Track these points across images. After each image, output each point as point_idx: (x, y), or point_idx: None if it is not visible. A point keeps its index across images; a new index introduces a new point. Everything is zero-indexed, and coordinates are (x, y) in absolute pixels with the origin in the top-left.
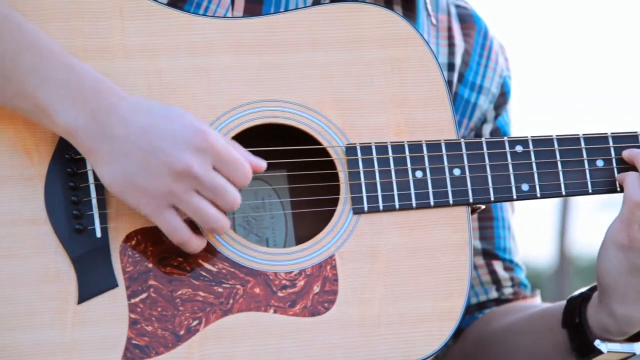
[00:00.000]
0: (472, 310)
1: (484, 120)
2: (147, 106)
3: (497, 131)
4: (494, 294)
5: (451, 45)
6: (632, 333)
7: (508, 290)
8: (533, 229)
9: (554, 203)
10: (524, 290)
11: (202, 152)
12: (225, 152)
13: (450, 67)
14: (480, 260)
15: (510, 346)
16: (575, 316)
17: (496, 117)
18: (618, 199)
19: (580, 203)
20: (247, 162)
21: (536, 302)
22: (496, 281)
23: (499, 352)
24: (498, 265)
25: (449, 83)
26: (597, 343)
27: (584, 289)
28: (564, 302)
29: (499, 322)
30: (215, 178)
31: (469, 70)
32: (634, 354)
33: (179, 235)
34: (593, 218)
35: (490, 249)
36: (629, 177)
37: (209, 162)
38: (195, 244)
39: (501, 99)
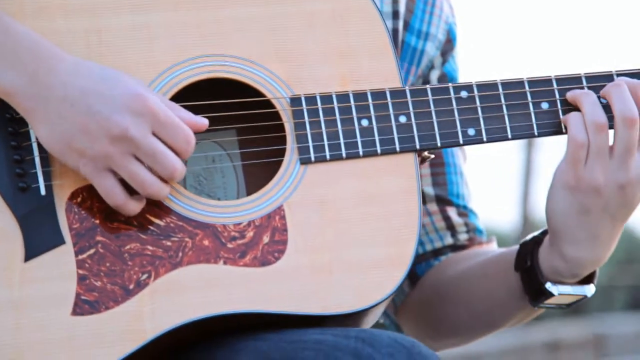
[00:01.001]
0: (428, 257)
1: (431, 67)
2: (87, 68)
3: (445, 77)
4: (449, 240)
5: None
6: (583, 275)
7: (463, 237)
8: (496, 194)
9: (516, 167)
10: (479, 236)
11: (140, 116)
12: (165, 117)
13: (395, 15)
14: (434, 207)
15: (466, 292)
16: (527, 260)
17: (443, 63)
18: None
19: (543, 167)
20: (186, 121)
21: (492, 248)
22: (450, 227)
23: (455, 298)
24: (452, 211)
25: (394, 31)
26: (549, 285)
27: (536, 233)
28: (517, 247)
29: (455, 269)
30: (153, 143)
31: (414, 17)
32: (585, 297)
33: (114, 198)
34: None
35: (443, 194)
36: (572, 118)
37: (148, 127)
38: (130, 207)
39: (447, 45)
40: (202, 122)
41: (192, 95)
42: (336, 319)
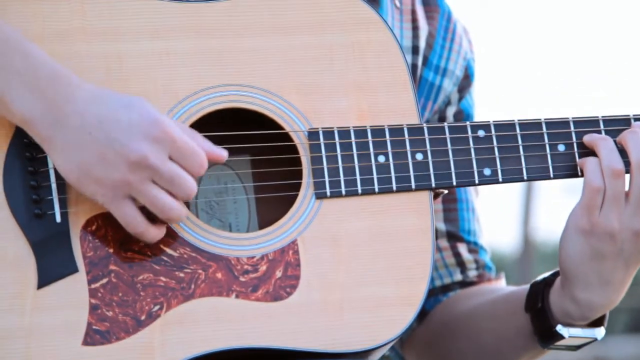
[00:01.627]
0: (436, 293)
1: (447, 103)
2: (104, 95)
3: (461, 113)
4: (458, 277)
5: (415, 28)
6: (593, 318)
7: (472, 273)
8: (497, 215)
9: (517, 189)
10: (488, 273)
11: (157, 142)
12: (181, 142)
13: (415, 50)
14: (444, 243)
15: (474, 330)
16: (537, 301)
17: (460, 99)
18: (582, 184)
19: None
20: (206, 151)
21: (500, 285)
22: (460, 263)
23: (463, 335)
24: (462, 248)
25: (414, 66)
26: (559, 328)
27: (547, 274)
28: (526, 287)
29: (463, 306)
30: (171, 168)
31: (433, 53)
32: (595, 339)
33: (135, 226)
34: (557, 203)
35: (454, 231)
36: (589, 163)
37: (165, 152)
38: (152, 234)
39: (465, 82)
40: (222, 153)
41: (210, 124)
42: (345, 356)
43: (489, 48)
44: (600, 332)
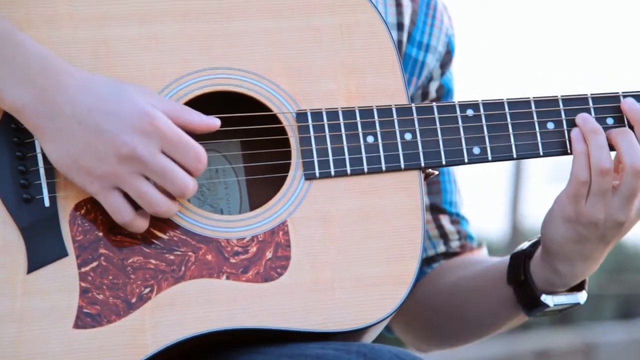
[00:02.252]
0: (421, 266)
1: (430, 78)
2: (95, 84)
3: (442, 88)
4: (441, 248)
5: (399, 5)
6: (574, 284)
7: (455, 244)
8: (485, 202)
9: (506, 176)
10: (470, 243)
11: (147, 135)
12: (173, 135)
13: (400, 26)
14: (427, 215)
15: (458, 303)
16: (520, 273)
17: (442, 74)
18: (568, 172)
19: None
20: (201, 122)
21: (482, 254)
22: (443, 235)
23: (447, 309)
24: (445, 219)
25: (399, 43)
26: (544, 297)
27: (525, 245)
28: (506, 259)
29: (446, 279)
30: (161, 161)
31: (415, 29)
32: (578, 303)
33: (122, 216)
34: (545, 191)
35: (437, 203)
36: (577, 154)
37: (156, 146)
38: (138, 224)
39: (447, 57)
40: (214, 122)
41: (198, 108)
42: (338, 335)
43: (473, 25)
44: (582, 296)
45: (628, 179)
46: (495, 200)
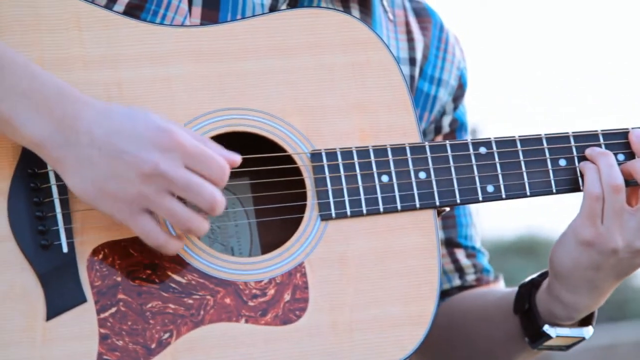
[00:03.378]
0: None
1: (443, 113)
2: (112, 110)
3: (455, 122)
4: (457, 282)
5: (410, 40)
6: (578, 318)
7: (471, 277)
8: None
9: None
10: (486, 276)
11: (168, 151)
12: (193, 148)
13: (412, 61)
14: (443, 250)
15: (470, 334)
16: (525, 302)
17: (455, 108)
18: None
19: None
20: (221, 156)
21: (499, 287)
22: (459, 269)
23: (459, 339)
24: (460, 254)
25: (411, 78)
26: (546, 328)
27: (534, 275)
28: (516, 289)
29: (458, 310)
30: (186, 176)
31: (427, 63)
32: (583, 339)
33: (155, 238)
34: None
35: (452, 237)
36: (588, 173)
37: (178, 161)
38: (173, 246)
39: (459, 91)
40: (235, 158)
41: None
42: None
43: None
44: (588, 331)
45: None
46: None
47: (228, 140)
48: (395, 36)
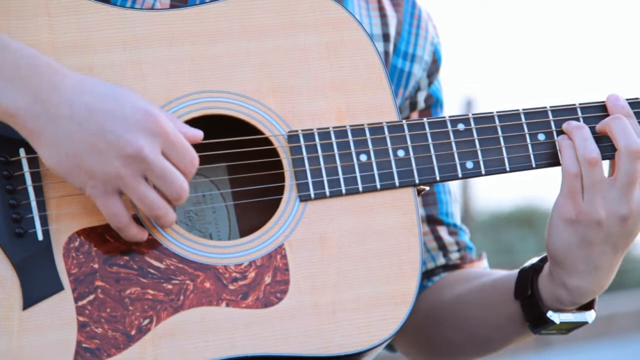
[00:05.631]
0: (421, 279)
1: (418, 89)
2: (91, 84)
3: (431, 98)
4: (441, 260)
5: (383, 16)
6: (583, 303)
7: (455, 255)
8: None
9: None
10: (470, 254)
11: (152, 136)
12: (175, 137)
13: (386, 37)
14: (424, 227)
15: (463, 317)
16: (527, 288)
17: (429, 84)
18: None
19: None
20: (186, 134)
21: (483, 265)
22: (442, 247)
23: (451, 323)
24: (443, 231)
25: (385, 54)
26: (550, 314)
27: (534, 260)
28: (515, 273)
29: (449, 293)
30: (163, 163)
31: (401, 40)
32: (586, 323)
33: (118, 220)
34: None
35: (433, 214)
36: (565, 151)
37: (159, 146)
38: (134, 231)
39: (433, 67)
40: (198, 135)
41: None
42: (340, 358)
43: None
44: (590, 315)
45: (624, 162)
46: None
47: (203, 123)
48: (367, 13)
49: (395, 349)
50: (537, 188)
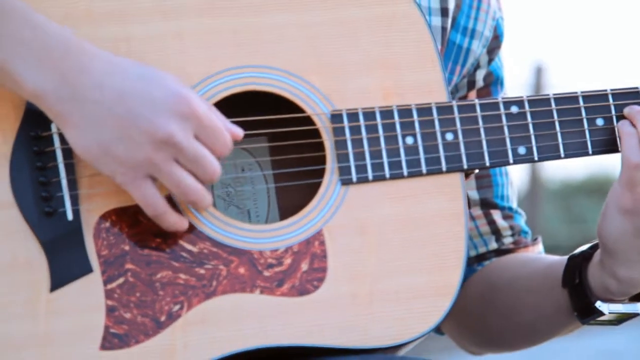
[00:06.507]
0: (471, 263)
1: (477, 66)
2: (122, 66)
3: (491, 76)
4: (493, 245)
5: None
6: (634, 293)
7: (508, 240)
8: None
9: None
10: (525, 239)
11: (184, 119)
12: (208, 120)
13: (444, 12)
14: (477, 211)
15: (511, 304)
16: (575, 276)
17: (489, 61)
18: None
19: None
20: (227, 130)
21: (538, 250)
22: (495, 231)
23: (500, 309)
24: (497, 215)
25: (442, 29)
26: (599, 304)
27: (584, 247)
28: (565, 259)
29: (500, 277)
30: (197, 147)
31: (460, 14)
32: (637, 314)
33: (155, 207)
34: None
35: (488, 198)
36: (626, 138)
37: (191, 130)
38: (172, 219)
39: (494, 42)
40: (238, 132)
41: (226, 108)
42: (377, 351)
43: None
44: None
45: None
46: None
47: (243, 99)
48: None
49: (442, 332)
50: (610, 155)
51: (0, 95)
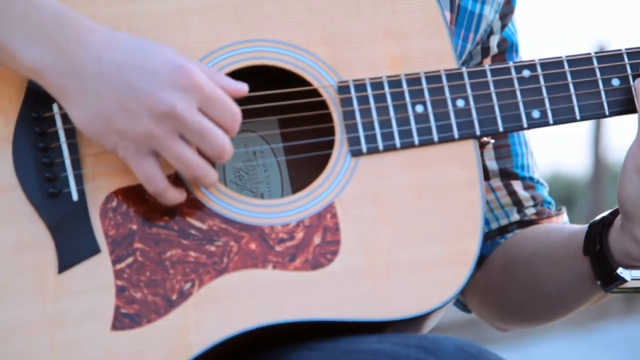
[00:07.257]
0: (494, 236)
1: (490, 32)
2: (120, 39)
3: (505, 42)
4: (515, 216)
5: None
6: None
7: (530, 211)
8: (565, 136)
9: None
10: (548, 209)
11: (185, 91)
12: (212, 92)
13: None
14: (497, 182)
15: (535, 276)
16: (596, 243)
17: (502, 27)
18: None
19: None
20: (229, 87)
21: (562, 220)
22: (517, 202)
23: (524, 282)
24: (517, 185)
25: None
26: (620, 271)
27: (605, 214)
28: (586, 227)
29: (522, 250)
30: (201, 120)
31: None
32: None
33: (156, 185)
34: (629, 122)
35: (507, 168)
36: None
37: (194, 103)
38: (173, 195)
39: (507, 7)
40: (242, 88)
41: None
42: (396, 324)
43: None
44: None
45: None
46: (577, 133)
47: (248, 74)
48: None
49: (469, 309)
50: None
51: (0, 78)
